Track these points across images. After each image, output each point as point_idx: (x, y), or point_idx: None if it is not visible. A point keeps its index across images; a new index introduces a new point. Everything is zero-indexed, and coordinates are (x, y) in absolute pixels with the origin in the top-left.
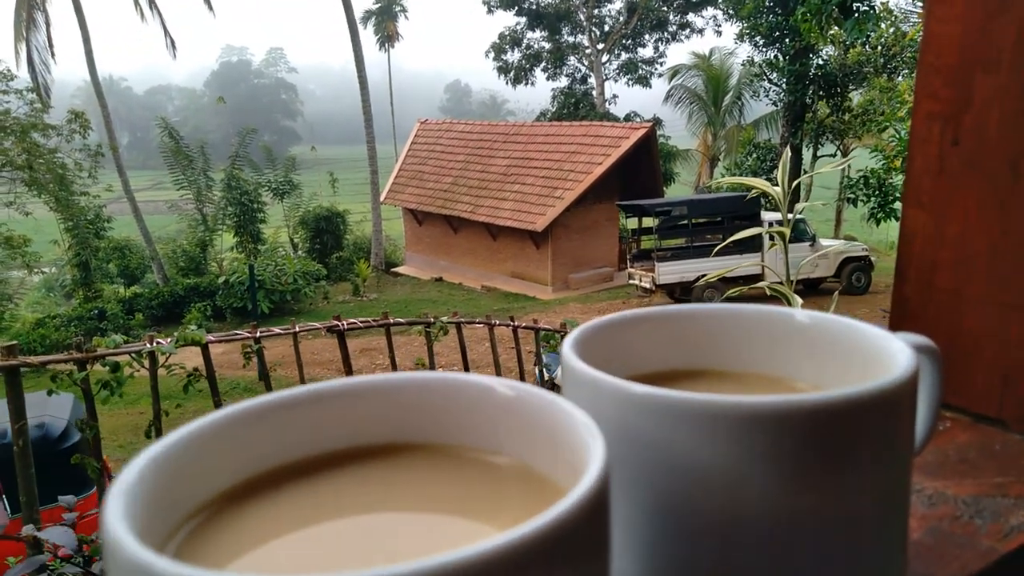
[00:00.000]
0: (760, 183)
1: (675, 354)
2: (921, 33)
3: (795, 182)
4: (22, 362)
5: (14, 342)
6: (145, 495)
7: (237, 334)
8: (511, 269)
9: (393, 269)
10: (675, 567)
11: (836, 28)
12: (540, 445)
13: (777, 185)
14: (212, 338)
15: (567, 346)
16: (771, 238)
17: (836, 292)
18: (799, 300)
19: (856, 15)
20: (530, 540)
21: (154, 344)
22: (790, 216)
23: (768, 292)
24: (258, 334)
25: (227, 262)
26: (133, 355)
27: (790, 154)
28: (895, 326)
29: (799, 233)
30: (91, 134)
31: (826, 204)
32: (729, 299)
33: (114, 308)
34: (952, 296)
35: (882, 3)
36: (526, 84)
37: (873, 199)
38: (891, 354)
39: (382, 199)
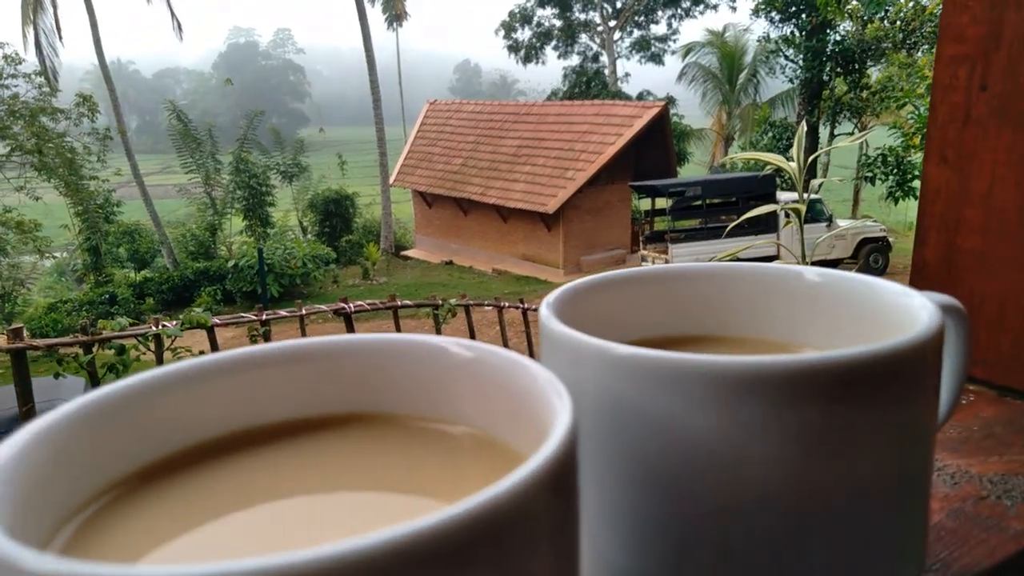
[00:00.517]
0: (775, 158)
1: (668, 318)
2: None
3: (811, 158)
4: (28, 344)
5: (19, 325)
6: (22, 479)
7: (243, 317)
8: (522, 251)
9: (403, 252)
10: (669, 553)
11: (854, 2)
12: (502, 411)
13: (792, 161)
14: (218, 321)
15: (545, 307)
16: (787, 216)
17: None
18: None
19: None
20: (472, 516)
21: (159, 327)
22: (806, 194)
23: None
24: (264, 317)
25: (236, 246)
26: (138, 338)
27: (806, 129)
28: None
29: (815, 213)
30: (99, 118)
31: (843, 181)
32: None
33: (125, 292)
34: (977, 258)
35: None
36: (537, 63)
37: (891, 177)
38: (913, 313)
39: (391, 181)
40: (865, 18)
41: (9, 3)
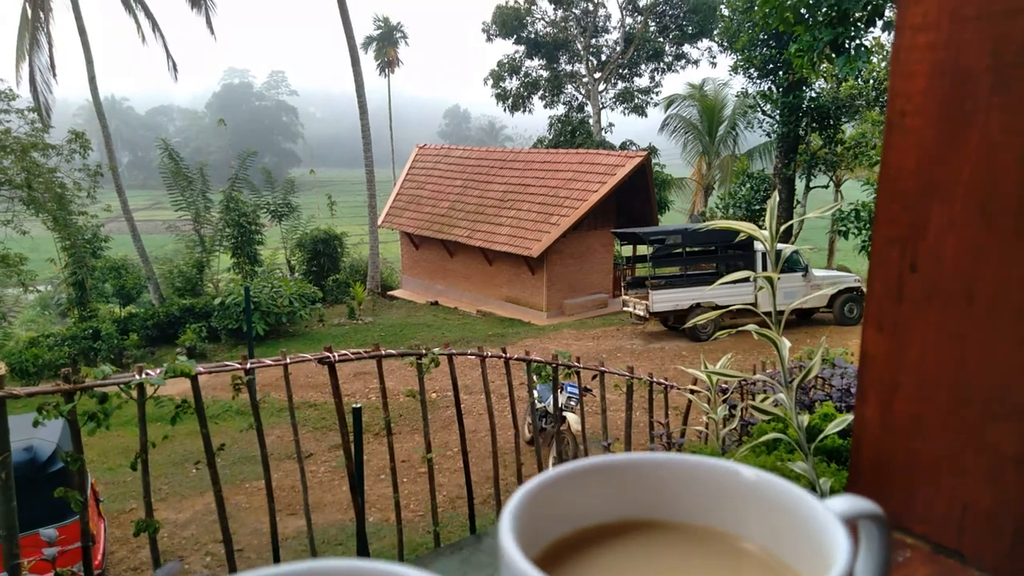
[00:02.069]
0: (748, 227)
1: (622, 505)
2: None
3: (783, 226)
4: (7, 393)
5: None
6: None
7: (227, 365)
8: (506, 294)
9: (389, 292)
10: None
11: (828, 64)
12: None
13: (765, 229)
14: (202, 369)
15: (504, 518)
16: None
17: (823, 338)
18: (787, 343)
19: (848, 52)
20: None
21: (143, 376)
22: (779, 249)
23: (756, 336)
24: (248, 365)
25: (223, 283)
26: (121, 387)
27: (779, 198)
28: (856, 450)
29: (792, 264)
30: (91, 153)
31: (813, 249)
32: (722, 327)
33: (109, 328)
34: (913, 420)
35: (874, 38)
36: (524, 111)
37: (864, 232)
38: (832, 539)
39: (380, 222)
40: (840, 77)
41: (3, 39)
